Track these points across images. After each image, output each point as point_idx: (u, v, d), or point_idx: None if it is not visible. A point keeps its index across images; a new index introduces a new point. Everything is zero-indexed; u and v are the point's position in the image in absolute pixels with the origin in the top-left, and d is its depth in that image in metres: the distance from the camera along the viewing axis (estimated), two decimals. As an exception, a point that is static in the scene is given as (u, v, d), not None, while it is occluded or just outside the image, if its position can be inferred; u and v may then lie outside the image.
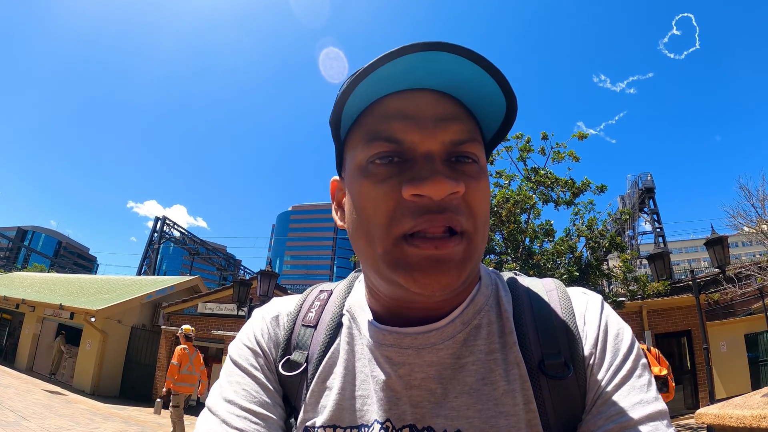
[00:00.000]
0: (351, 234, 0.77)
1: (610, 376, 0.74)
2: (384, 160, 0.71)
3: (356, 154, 0.75)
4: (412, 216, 0.68)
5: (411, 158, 0.70)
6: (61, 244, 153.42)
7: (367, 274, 0.81)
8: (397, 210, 0.69)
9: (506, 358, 0.77)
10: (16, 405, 12.10)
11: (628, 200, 43.02)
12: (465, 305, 0.80)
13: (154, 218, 46.01)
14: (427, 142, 0.70)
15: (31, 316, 22.05)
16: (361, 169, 0.73)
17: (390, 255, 0.70)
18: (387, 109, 0.72)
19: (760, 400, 3.38)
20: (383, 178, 0.70)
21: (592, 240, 12.24)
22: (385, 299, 0.79)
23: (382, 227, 0.70)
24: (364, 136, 0.73)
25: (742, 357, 16.07)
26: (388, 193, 0.70)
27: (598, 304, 0.83)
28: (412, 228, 0.68)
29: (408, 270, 0.68)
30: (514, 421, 0.72)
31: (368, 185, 0.71)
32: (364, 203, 0.72)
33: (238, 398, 0.80)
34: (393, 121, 0.71)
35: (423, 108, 0.71)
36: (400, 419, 0.76)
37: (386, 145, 0.71)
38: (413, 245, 0.68)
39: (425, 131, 0.70)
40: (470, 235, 0.70)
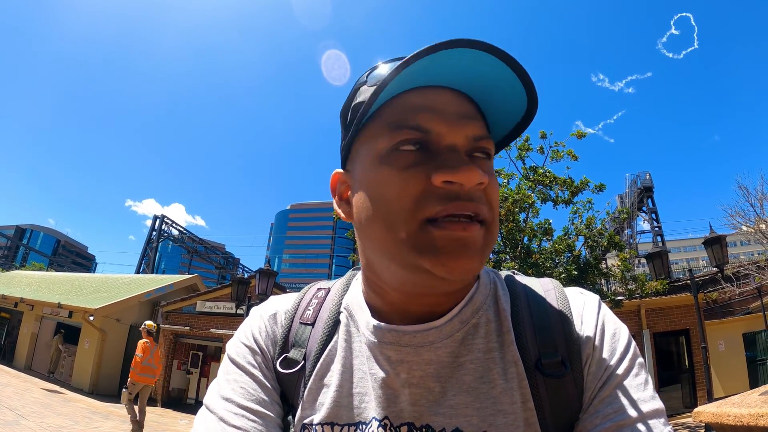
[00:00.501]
0: (364, 223, 0.77)
1: (606, 375, 0.75)
2: (410, 148, 0.72)
3: (377, 142, 0.75)
4: (440, 201, 0.69)
5: (435, 149, 0.72)
6: (60, 242, 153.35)
7: (373, 268, 0.80)
8: (424, 195, 0.69)
9: (504, 357, 0.78)
10: (15, 404, 12.10)
11: (627, 199, 43.17)
12: (463, 304, 0.80)
13: (152, 217, 46.00)
14: (453, 135, 0.72)
15: (29, 315, 22.04)
16: (382, 157, 0.73)
17: (415, 238, 0.69)
18: (412, 101, 0.73)
19: (758, 398, 3.38)
20: (409, 165, 0.71)
21: (590, 239, 12.23)
22: (391, 294, 0.79)
23: (408, 211, 0.70)
24: (388, 125, 0.73)
25: (740, 356, 16.08)
26: (414, 178, 0.70)
27: (595, 303, 0.83)
28: (439, 212, 0.68)
29: (435, 253, 0.68)
30: (512, 420, 0.73)
31: (391, 172, 0.72)
32: (385, 189, 0.72)
33: (236, 396, 0.80)
34: (419, 113, 0.72)
35: (446, 104, 0.73)
36: (398, 417, 0.76)
37: (413, 133, 0.71)
38: (440, 227, 0.68)
39: (450, 124, 0.72)
40: (489, 225, 0.72)
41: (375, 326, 0.80)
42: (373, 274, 0.81)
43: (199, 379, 20.04)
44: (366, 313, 0.84)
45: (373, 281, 0.82)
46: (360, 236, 0.80)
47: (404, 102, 0.73)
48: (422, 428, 0.75)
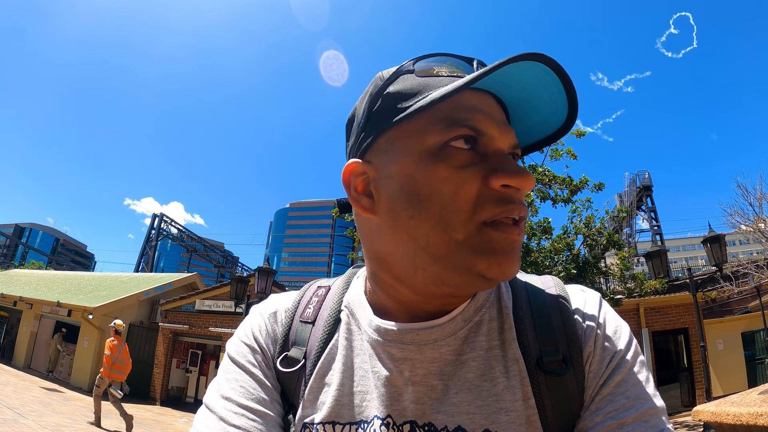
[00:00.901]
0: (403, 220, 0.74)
1: (608, 372, 0.75)
2: (463, 146, 0.71)
3: (423, 138, 0.73)
4: (498, 204, 0.70)
5: (485, 152, 0.72)
6: (59, 241, 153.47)
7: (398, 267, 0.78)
8: (482, 197, 0.70)
9: (505, 355, 0.78)
10: (14, 402, 12.11)
11: (626, 198, 43.17)
12: (467, 302, 0.80)
13: (151, 215, 46.01)
14: (502, 140, 0.73)
15: (28, 314, 22.04)
16: (434, 153, 0.72)
17: (474, 240, 0.70)
18: (464, 102, 0.73)
19: (757, 397, 3.39)
20: (465, 164, 0.71)
21: (589, 238, 12.23)
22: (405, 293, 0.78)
23: (465, 213, 0.70)
24: (441, 121, 0.72)
25: (739, 355, 16.12)
26: (470, 178, 0.70)
27: (596, 301, 0.83)
28: (496, 215, 0.70)
29: (494, 254, 0.69)
30: (514, 417, 0.73)
31: (446, 169, 0.71)
32: (440, 187, 0.71)
33: (236, 395, 0.79)
34: (475, 114, 0.72)
35: (493, 109, 0.75)
36: (400, 415, 0.76)
37: (468, 131, 0.71)
38: (500, 230, 0.70)
39: (501, 129, 0.73)
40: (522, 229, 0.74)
41: (377, 324, 0.80)
42: (387, 273, 0.80)
43: (198, 378, 20.04)
44: (368, 311, 0.84)
45: (383, 279, 0.81)
46: (390, 233, 0.77)
47: (457, 101, 0.73)
48: (425, 426, 0.75)
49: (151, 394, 19.40)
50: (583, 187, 12.21)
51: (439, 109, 0.72)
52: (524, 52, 0.66)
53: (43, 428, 9.82)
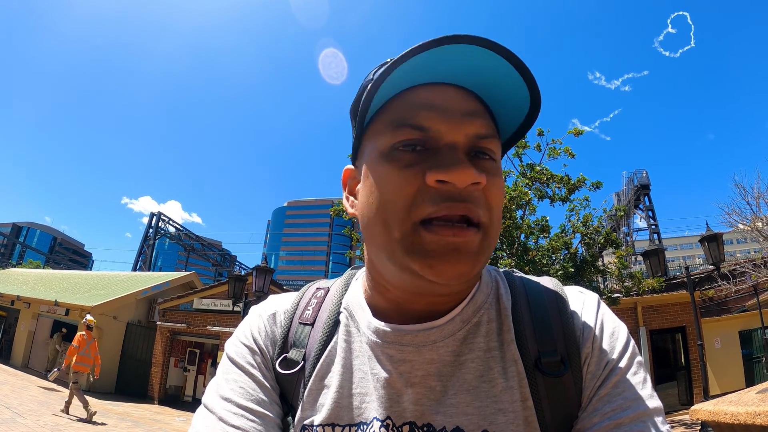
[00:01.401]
0: (366, 219, 0.77)
1: (605, 373, 0.75)
2: (409, 147, 0.72)
3: (380, 140, 0.75)
4: (433, 202, 0.69)
5: (435, 147, 0.72)
6: (56, 240, 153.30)
7: (376, 265, 0.81)
8: (419, 195, 0.70)
9: (504, 356, 0.78)
10: (12, 402, 12.10)
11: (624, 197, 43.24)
12: (465, 303, 0.80)
13: (149, 214, 46.05)
14: (452, 133, 0.72)
15: (26, 313, 22.02)
16: (385, 155, 0.74)
17: (408, 240, 0.70)
18: (415, 98, 0.73)
19: (755, 396, 3.39)
20: (407, 164, 0.71)
21: (587, 236, 12.24)
22: (393, 292, 0.79)
23: (402, 211, 0.70)
24: (391, 123, 0.74)
25: (737, 354, 16.15)
26: (410, 178, 0.71)
27: (594, 302, 0.84)
28: (431, 214, 0.69)
29: (425, 256, 0.69)
30: (512, 418, 0.73)
31: (391, 170, 0.72)
32: (385, 187, 0.73)
33: (235, 396, 0.79)
34: (421, 110, 0.72)
35: (450, 101, 0.73)
36: (400, 417, 0.76)
37: (413, 131, 0.72)
38: (431, 231, 0.69)
39: (451, 122, 0.72)
40: (486, 228, 0.72)
41: (376, 326, 0.81)
42: (376, 272, 0.81)
43: (196, 377, 20.02)
44: (367, 312, 0.84)
45: (376, 279, 0.82)
46: (363, 233, 0.80)
47: (408, 99, 0.74)
48: (424, 427, 0.75)
49: (149, 393, 19.38)
50: (580, 186, 12.21)
51: (390, 111, 0.75)
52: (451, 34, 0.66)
53: (41, 428, 9.82)
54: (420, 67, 0.70)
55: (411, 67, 0.70)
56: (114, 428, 11.54)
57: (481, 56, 0.69)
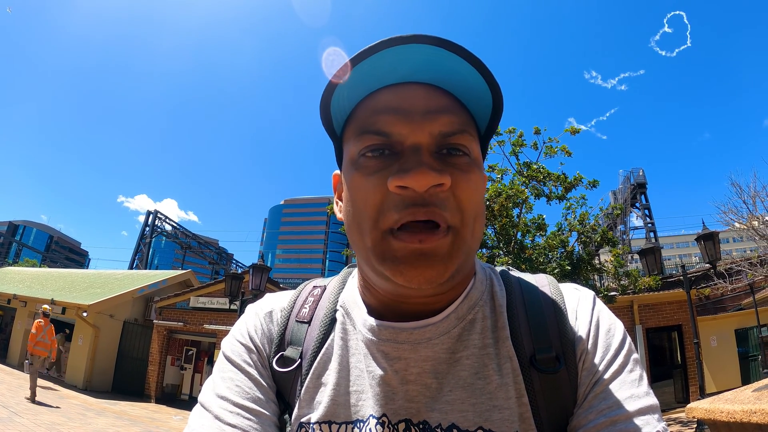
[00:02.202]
0: (346, 226, 0.79)
1: (601, 370, 0.75)
2: (374, 153, 0.72)
3: (350, 147, 0.76)
4: (397, 209, 0.69)
5: (399, 151, 0.71)
6: (53, 238, 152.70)
7: (361, 267, 0.82)
8: (385, 203, 0.70)
9: (499, 353, 0.78)
10: (8, 401, 12.07)
11: (620, 195, 43.19)
12: (460, 300, 0.80)
13: (145, 212, 45.95)
14: (415, 134, 0.71)
15: (22, 312, 21.94)
16: (354, 163, 0.75)
17: (378, 248, 0.71)
18: (377, 103, 0.73)
19: (751, 395, 3.40)
20: (372, 171, 0.72)
21: (583, 235, 12.23)
22: (381, 293, 0.79)
23: (371, 220, 0.71)
24: (356, 130, 0.75)
25: (733, 352, 16.18)
26: (376, 186, 0.71)
27: (590, 299, 0.84)
28: (397, 221, 0.69)
29: (395, 263, 0.69)
30: (507, 415, 0.73)
31: (359, 178, 0.73)
32: (355, 196, 0.74)
33: (231, 394, 0.80)
34: (382, 115, 0.72)
35: (412, 101, 0.72)
36: (395, 414, 0.76)
37: (375, 138, 0.72)
38: (398, 239, 0.69)
39: (413, 123, 0.71)
40: (457, 230, 0.71)
41: (372, 323, 0.81)
42: (363, 273, 0.82)
43: (192, 375, 19.98)
44: (363, 310, 0.84)
45: (365, 279, 0.83)
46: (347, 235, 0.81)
47: (371, 104, 0.74)
48: (419, 424, 0.75)
49: (146, 391, 19.35)
50: (577, 185, 12.21)
51: (357, 117, 0.76)
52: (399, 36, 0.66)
53: (38, 426, 9.80)
54: (379, 69, 0.70)
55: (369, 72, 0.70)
56: (111, 427, 11.51)
57: (437, 54, 0.69)
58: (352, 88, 0.72)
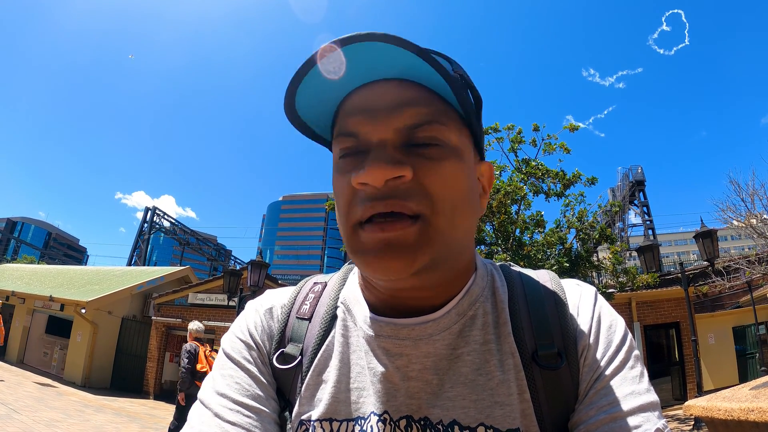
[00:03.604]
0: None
1: (602, 367, 0.76)
2: (347, 154, 0.74)
3: (335, 150, 0.78)
4: (361, 203, 0.70)
5: (366, 149, 0.72)
6: (51, 235, 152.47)
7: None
8: (353, 200, 0.72)
9: (501, 348, 0.78)
10: (7, 398, 12.06)
11: (619, 192, 43.18)
12: (461, 296, 0.80)
13: (143, 209, 45.85)
14: (379, 132, 0.71)
15: (21, 309, 21.91)
16: (335, 165, 0.77)
17: (350, 242, 0.73)
18: (350, 105, 0.74)
19: (749, 393, 3.40)
20: (345, 171, 0.74)
21: (582, 232, 12.24)
22: (377, 288, 0.79)
23: (344, 216, 0.74)
24: (336, 133, 0.77)
25: (730, 349, 16.20)
26: (346, 184, 0.73)
27: (592, 295, 0.84)
28: (362, 215, 0.70)
29: (363, 254, 0.70)
30: (508, 411, 0.73)
31: (337, 178, 0.76)
32: (336, 195, 0.76)
33: (231, 391, 0.79)
34: (352, 116, 0.73)
35: (379, 98, 0.72)
36: (397, 411, 0.76)
37: (347, 140, 0.74)
38: (364, 230, 0.70)
39: (377, 121, 0.71)
40: (427, 218, 0.70)
41: (373, 320, 0.81)
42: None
43: (191, 372, 19.97)
44: (364, 307, 0.84)
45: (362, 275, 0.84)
46: None
47: (347, 105, 0.75)
48: (420, 421, 0.75)
49: (145, 388, 19.34)
50: (575, 182, 12.23)
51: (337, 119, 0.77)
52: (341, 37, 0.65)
53: (36, 423, 9.80)
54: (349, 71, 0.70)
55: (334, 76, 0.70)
56: (110, 423, 11.52)
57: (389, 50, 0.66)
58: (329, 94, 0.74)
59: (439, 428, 0.74)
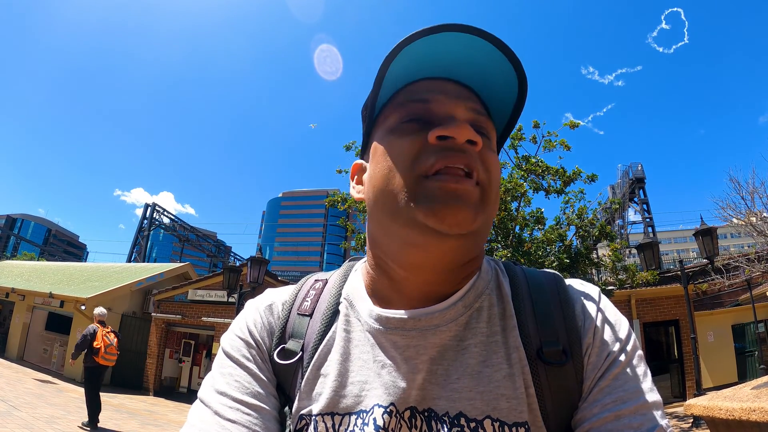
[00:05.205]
0: (371, 193, 0.81)
1: (606, 365, 0.76)
2: (414, 120, 0.78)
3: (387, 122, 0.81)
4: (435, 154, 0.74)
5: (437, 119, 0.77)
6: (51, 231, 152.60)
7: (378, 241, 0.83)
8: (422, 152, 0.76)
9: (507, 342, 0.79)
10: (7, 395, 12.07)
11: (618, 190, 43.17)
12: (467, 288, 0.82)
13: (143, 205, 45.73)
14: (453, 107, 0.78)
15: (21, 305, 21.91)
16: (392, 130, 0.80)
17: (412, 191, 0.74)
18: (416, 87, 0.80)
19: (750, 392, 3.40)
20: (410, 132, 0.78)
21: (582, 229, 12.23)
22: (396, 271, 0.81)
23: (406, 168, 0.75)
24: (397, 105, 0.81)
25: (729, 347, 16.23)
26: (413, 140, 0.77)
27: (596, 294, 0.85)
28: (434, 164, 0.73)
29: (430, 202, 0.72)
30: (515, 404, 0.73)
31: (396, 139, 0.78)
32: (390, 153, 0.78)
33: (231, 390, 0.80)
34: (424, 92, 0.80)
35: (449, 89, 0.80)
36: (403, 402, 0.76)
37: (418, 105, 0.79)
38: (435, 180, 0.73)
39: (451, 100, 0.79)
40: (484, 187, 0.76)
41: (378, 313, 0.82)
42: (378, 249, 0.83)
43: (191, 368, 20.01)
44: (368, 301, 0.85)
45: (378, 258, 0.84)
46: (369, 208, 0.83)
47: (410, 89, 0.80)
48: (425, 412, 0.75)
49: (144, 384, 19.37)
50: (575, 179, 12.21)
51: (397, 100, 0.81)
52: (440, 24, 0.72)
53: (36, 420, 9.81)
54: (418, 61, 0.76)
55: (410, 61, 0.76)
56: (109, 420, 11.52)
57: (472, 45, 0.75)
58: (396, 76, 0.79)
59: (445, 420, 0.74)
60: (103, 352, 10.30)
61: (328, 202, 13.12)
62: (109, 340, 10.48)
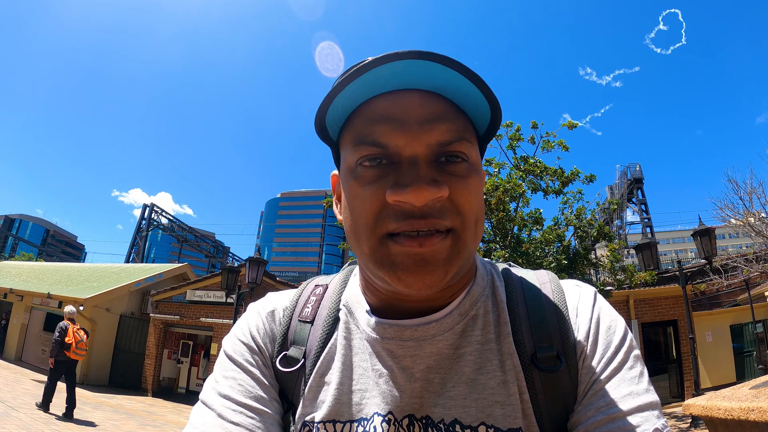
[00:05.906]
0: (345, 231, 0.79)
1: (601, 367, 0.76)
2: (371, 162, 0.72)
3: (347, 155, 0.76)
4: (396, 219, 0.69)
5: (396, 161, 0.71)
6: (49, 232, 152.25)
7: (362, 268, 0.83)
8: (382, 212, 0.71)
9: (501, 349, 0.79)
10: (5, 395, 12.06)
11: (617, 190, 43.26)
12: (462, 297, 0.81)
13: (141, 206, 45.76)
14: (412, 146, 0.71)
15: (19, 306, 21.86)
16: (351, 171, 0.75)
17: (376, 254, 0.71)
18: (374, 111, 0.73)
19: (748, 392, 3.40)
20: (370, 181, 0.72)
21: (580, 229, 12.26)
22: (382, 292, 0.80)
23: (368, 227, 0.72)
24: (353, 138, 0.74)
25: (728, 347, 16.24)
26: (373, 195, 0.71)
27: (591, 296, 0.84)
28: (395, 229, 0.69)
29: (393, 268, 0.70)
30: (509, 411, 0.74)
31: (356, 186, 0.73)
32: (353, 203, 0.74)
33: (234, 393, 0.80)
34: (378, 125, 0.71)
35: (409, 109, 0.72)
36: (401, 411, 0.77)
37: (372, 149, 0.72)
38: (398, 243, 0.69)
39: (409, 134, 0.71)
40: (458, 233, 0.71)
41: (376, 322, 0.81)
42: (363, 273, 0.84)
43: (189, 369, 19.94)
44: (366, 309, 0.85)
45: (367, 279, 0.83)
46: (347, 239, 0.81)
47: (367, 112, 0.74)
48: (422, 420, 0.76)
49: (143, 385, 19.31)
50: (574, 179, 12.23)
51: (353, 124, 0.75)
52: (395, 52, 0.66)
53: (35, 421, 9.80)
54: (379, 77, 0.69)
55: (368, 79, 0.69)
56: (108, 421, 11.52)
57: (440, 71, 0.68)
58: (350, 94, 0.72)
59: (440, 427, 0.75)
60: (75, 347, 10.90)
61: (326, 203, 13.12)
62: (79, 336, 11.05)
